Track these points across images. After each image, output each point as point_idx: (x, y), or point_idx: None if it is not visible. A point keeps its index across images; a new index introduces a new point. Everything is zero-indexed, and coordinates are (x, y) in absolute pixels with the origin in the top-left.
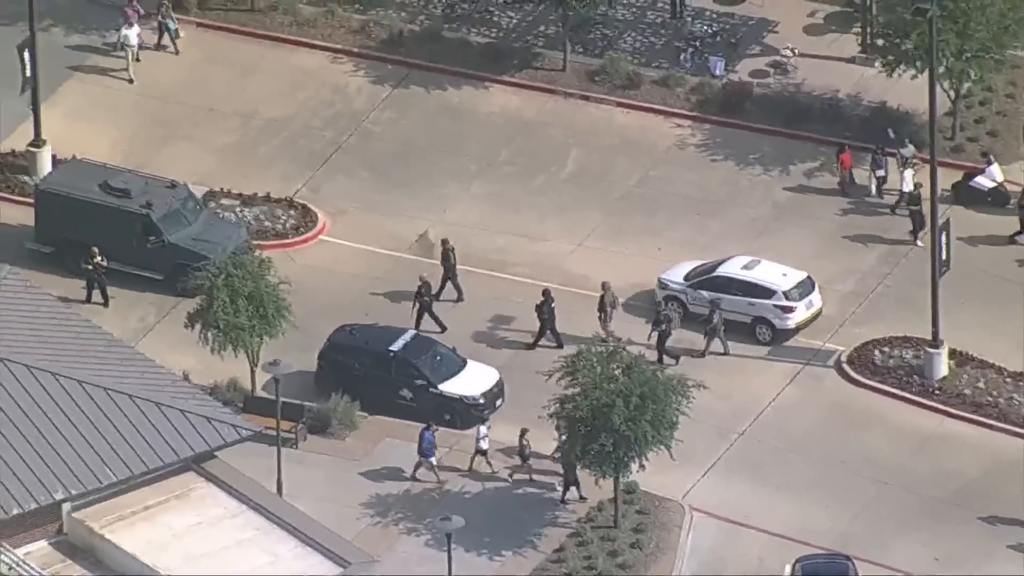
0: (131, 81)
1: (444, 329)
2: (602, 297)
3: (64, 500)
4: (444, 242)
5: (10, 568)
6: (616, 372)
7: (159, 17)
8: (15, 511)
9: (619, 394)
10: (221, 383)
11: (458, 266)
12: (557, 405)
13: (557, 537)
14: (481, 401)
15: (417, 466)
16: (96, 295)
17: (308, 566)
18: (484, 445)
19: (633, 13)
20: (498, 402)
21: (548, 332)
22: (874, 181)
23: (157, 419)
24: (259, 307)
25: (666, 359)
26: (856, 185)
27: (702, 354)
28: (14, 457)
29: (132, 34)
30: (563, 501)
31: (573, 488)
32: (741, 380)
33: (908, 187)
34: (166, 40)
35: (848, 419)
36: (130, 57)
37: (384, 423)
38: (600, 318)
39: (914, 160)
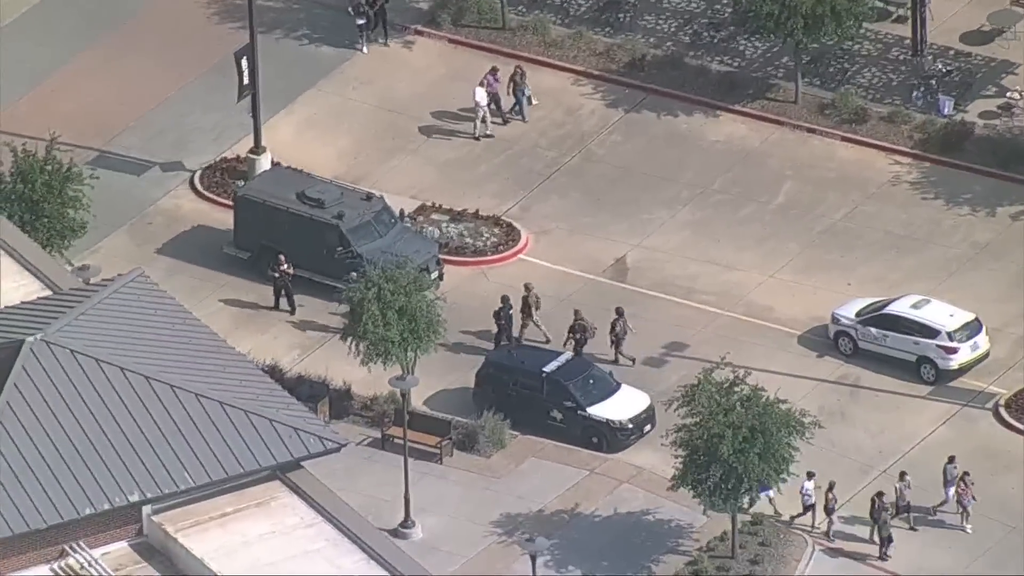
0: (477, 138)
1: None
2: (525, 298)
3: (140, 503)
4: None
5: (81, 567)
6: (736, 404)
7: (511, 84)
8: (87, 511)
9: (730, 426)
10: (381, 395)
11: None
12: (676, 434)
13: (674, 565)
14: (629, 426)
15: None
16: (283, 302)
17: None
18: (810, 501)
19: (877, 49)
20: (647, 428)
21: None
22: None
23: (244, 427)
24: (411, 321)
25: None
26: None
27: (614, 362)
28: (95, 458)
29: (482, 95)
30: (884, 557)
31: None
32: (896, 418)
33: None
34: (514, 106)
35: (992, 462)
36: (478, 117)
37: (532, 443)
38: (523, 320)
39: None
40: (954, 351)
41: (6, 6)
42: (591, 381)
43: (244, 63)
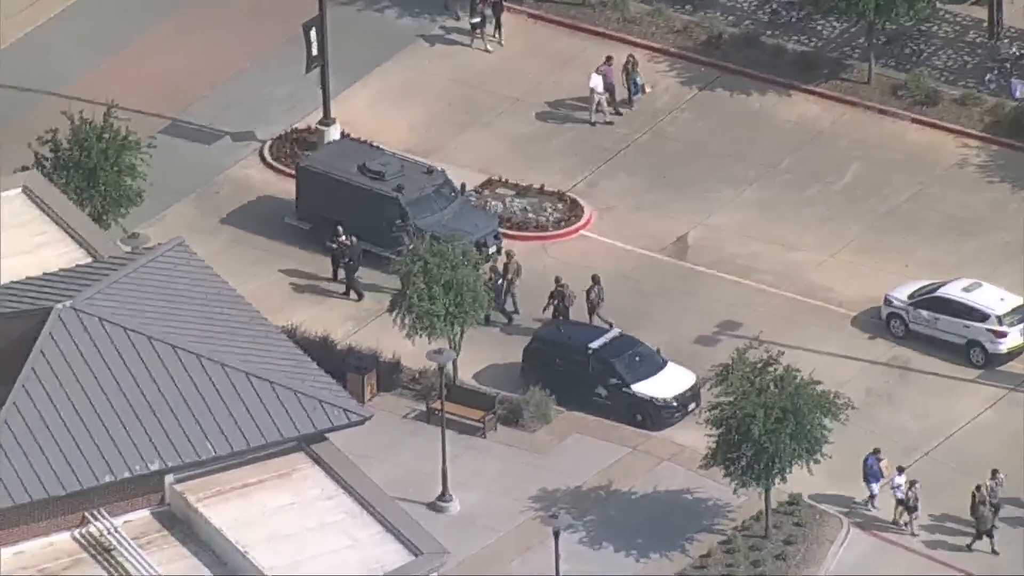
0: (593, 124)
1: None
2: (506, 265)
3: (160, 471)
4: None
5: (102, 535)
6: (769, 384)
7: (624, 72)
8: (107, 479)
9: (762, 406)
10: (429, 368)
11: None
12: (709, 413)
13: (708, 543)
14: (673, 404)
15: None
16: (341, 274)
17: (383, 552)
18: (900, 495)
19: (955, 31)
20: (691, 406)
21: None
22: None
23: (268, 398)
24: (456, 296)
25: None
26: None
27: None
28: (118, 426)
29: (598, 82)
30: (993, 550)
31: (986, 538)
32: (943, 401)
33: None
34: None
35: None
36: (596, 103)
37: (577, 419)
38: (502, 286)
39: None
40: (1004, 335)
41: None
42: (637, 358)
43: (313, 34)
